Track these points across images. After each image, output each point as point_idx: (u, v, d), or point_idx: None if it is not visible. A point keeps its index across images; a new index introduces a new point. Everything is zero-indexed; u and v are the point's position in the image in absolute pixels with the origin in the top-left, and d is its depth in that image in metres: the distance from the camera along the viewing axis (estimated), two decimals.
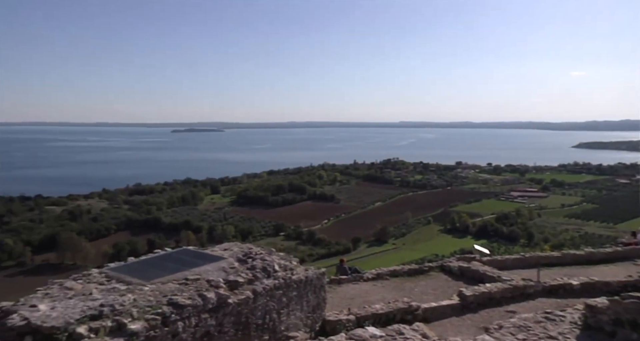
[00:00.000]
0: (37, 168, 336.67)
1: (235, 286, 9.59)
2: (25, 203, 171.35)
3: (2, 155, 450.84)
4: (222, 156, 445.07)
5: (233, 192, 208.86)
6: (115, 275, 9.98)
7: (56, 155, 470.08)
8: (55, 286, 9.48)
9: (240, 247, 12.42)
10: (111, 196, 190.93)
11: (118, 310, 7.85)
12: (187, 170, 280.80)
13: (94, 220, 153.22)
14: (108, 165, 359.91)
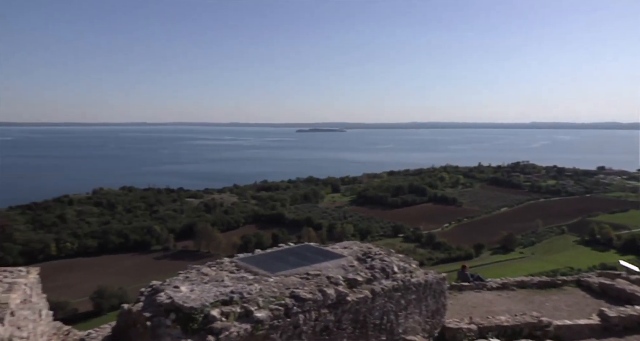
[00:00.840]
0: (179, 164, 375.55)
1: (354, 284, 9.71)
2: (170, 194, 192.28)
3: (151, 152, 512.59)
4: (343, 156, 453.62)
5: (353, 191, 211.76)
6: (243, 265, 10.74)
7: (195, 152, 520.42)
8: (193, 271, 10.50)
9: (360, 246, 12.55)
10: (241, 191, 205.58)
11: (246, 297, 8.42)
12: (310, 168, 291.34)
13: (225, 213, 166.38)
14: (239, 162, 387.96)
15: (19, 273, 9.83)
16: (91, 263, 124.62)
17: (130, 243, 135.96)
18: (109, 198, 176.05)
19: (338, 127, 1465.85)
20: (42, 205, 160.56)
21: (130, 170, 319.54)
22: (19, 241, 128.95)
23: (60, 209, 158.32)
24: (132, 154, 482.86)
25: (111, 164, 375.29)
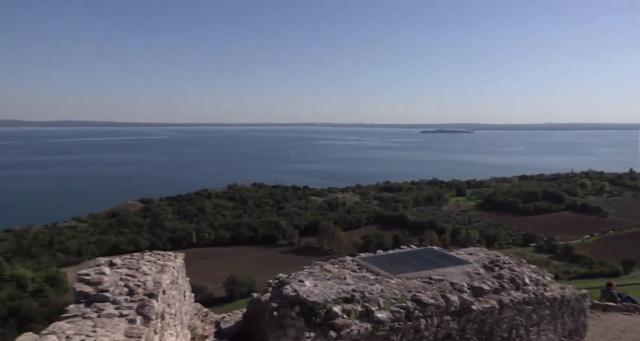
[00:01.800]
0: (305, 163, 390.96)
1: (480, 293, 9.25)
2: (296, 192, 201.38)
3: (280, 152, 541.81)
4: (469, 158, 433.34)
5: (479, 195, 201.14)
6: (365, 265, 10.85)
7: (320, 152, 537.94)
8: (317, 267, 10.89)
9: (487, 253, 11.91)
10: (363, 191, 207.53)
11: (367, 297, 8.51)
12: (434, 170, 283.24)
13: (347, 212, 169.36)
14: (362, 163, 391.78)
15: (168, 257, 11.15)
16: (225, 252, 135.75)
17: (259, 236, 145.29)
18: (242, 193, 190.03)
19: (465, 128, 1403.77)
20: (185, 198, 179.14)
21: (260, 168, 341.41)
22: (167, 228, 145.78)
23: (200, 202, 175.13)
24: (262, 153, 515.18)
25: (244, 162, 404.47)
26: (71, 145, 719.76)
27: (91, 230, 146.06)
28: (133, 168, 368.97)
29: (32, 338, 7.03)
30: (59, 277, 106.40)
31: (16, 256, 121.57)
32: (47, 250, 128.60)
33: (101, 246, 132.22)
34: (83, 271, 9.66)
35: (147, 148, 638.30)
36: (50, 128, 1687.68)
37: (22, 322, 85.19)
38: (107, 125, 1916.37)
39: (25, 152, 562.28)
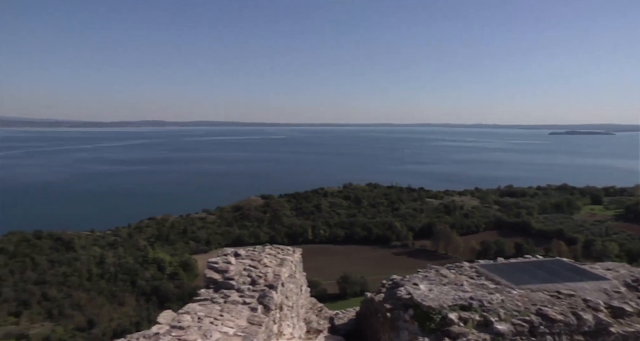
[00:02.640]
0: (421, 164, 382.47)
1: (620, 314, 8.26)
2: (411, 193, 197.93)
3: (396, 152, 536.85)
4: (608, 162, 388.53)
5: (620, 204, 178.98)
6: (484, 272, 10.31)
7: (437, 153, 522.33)
8: (432, 271, 10.61)
9: (629, 270, 10.59)
10: (482, 195, 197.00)
11: (486, 306, 8.09)
12: (564, 175, 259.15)
13: (465, 216, 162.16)
14: (481, 165, 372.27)
15: (287, 251, 11.72)
16: (339, 250, 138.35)
17: (372, 236, 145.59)
18: (357, 193, 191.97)
19: (603, 129, 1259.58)
20: (303, 195, 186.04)
21: (376, 168, 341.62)
22: (285, 224, 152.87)
23: (316, 200, 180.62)
24: (378, 153, 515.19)
25: (360, 161, 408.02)
26: (204, 143, 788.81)
27: (218, 222, 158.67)
28: (256, 165, 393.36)
29: (171, 316, 7.89)
30: (191, 263, 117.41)
31: (157, 242, 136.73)
32: (182, 238, 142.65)
33: (226, 237, 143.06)
34: (212, 260, 10.57)
35: (269, 147, 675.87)
36: (188, 128, 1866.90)
37: (161, 300, 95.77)
38: (235, 125, 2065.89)
39: (166, 149, 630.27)
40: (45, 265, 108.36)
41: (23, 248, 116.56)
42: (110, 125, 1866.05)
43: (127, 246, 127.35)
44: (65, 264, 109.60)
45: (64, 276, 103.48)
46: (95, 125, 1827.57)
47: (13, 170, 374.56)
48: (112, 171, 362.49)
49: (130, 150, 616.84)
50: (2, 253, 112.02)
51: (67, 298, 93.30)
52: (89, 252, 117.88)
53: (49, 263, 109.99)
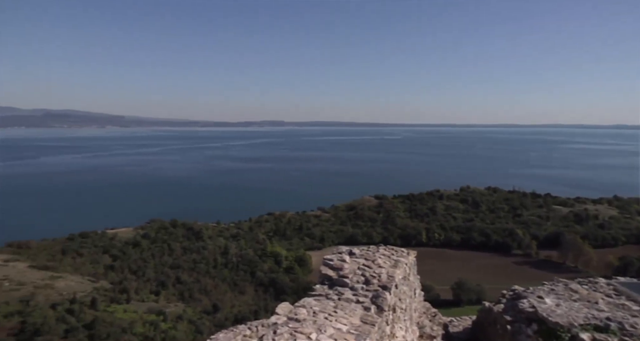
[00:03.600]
0: (549, 168, 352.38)
1: None
2: (536, 199, 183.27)
3: (519, 154, 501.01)
4: None
5: None
6: (625, 292, 9.21)
7: (568, 156, 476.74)
8: (560, 284, 9.76)
9: None
10: (622, 204, 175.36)
11: (628, 330, 7.22)
12: None
13: (600, 227, 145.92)
14: (622, 171, 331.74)
15: (402, 253, 11.61)
16: (454, 255, 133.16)
17: (491, 242, 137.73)
18: (475, 196, 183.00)
19: None
20: (417, 197, 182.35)
21: (496, 171, 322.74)
22: (398, 225, 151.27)
23: (431, 202, 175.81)
24: (498, 155, 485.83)
25: (478, 164, 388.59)
26: (321, 143, 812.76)
27: (332, 220, 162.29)
28: (370, 165, 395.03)
29: (288, 308, 8.29)
30: (306, 259, 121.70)
31: (275, 236, 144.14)
32: (297, 234, 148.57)
33: (340, 235, 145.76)
34: (328, 257, 10.87)
35: (384, 147, 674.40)
36: (306, 127, 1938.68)
37: (277, 292, 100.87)
38: (350, 126, 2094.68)
39: (285, 148, 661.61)
40: (179, 251, 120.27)
41: (162, 234, 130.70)
42: (237, 125, 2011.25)
43: (248, 239, 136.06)
44: (195, 252, 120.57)
45: (194, 262, 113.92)
46: (224, 125, 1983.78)
47: (153, 165, 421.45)
48: (237, 168, 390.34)
49: (255, 148, 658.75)
50: (145, 238, 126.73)
51: (196, 283, 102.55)
52: (215, 242, 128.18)
53: (182, 249, 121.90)
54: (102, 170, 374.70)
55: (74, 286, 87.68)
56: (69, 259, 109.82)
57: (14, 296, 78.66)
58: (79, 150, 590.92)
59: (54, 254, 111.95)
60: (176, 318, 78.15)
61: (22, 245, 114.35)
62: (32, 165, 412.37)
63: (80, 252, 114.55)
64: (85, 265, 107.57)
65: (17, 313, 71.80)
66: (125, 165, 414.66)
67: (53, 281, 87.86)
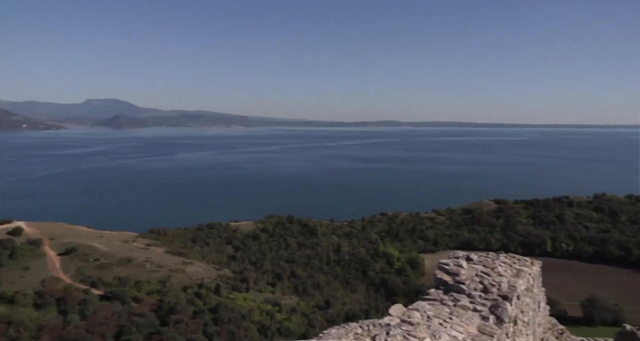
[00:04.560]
0: None
1: None
2: None
3: None
4: None
5: None
6: None
7: None
8: None
9: None
10: None
11: None
12: None
13: None
14: None
15: (524, 262, 10.85)
16: (585, 269, 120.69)
17: (631, 257, 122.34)
18: (612, 205, 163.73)
19: None
20: (542, 203, 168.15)
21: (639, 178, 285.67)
22: (520, 232, 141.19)
23: (559, 209, 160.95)
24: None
25: (617, 169, 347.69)
26: (438, 143, 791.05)
27: (447, 223, 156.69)
28: (490, 168, 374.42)
29: (401, 310, 8.23)
30: (418, 261, 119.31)
31: (387, 237, 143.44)
32: (410, 235, 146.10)
33: (455, 239, 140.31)
34: (443, 261, 10.56)
35: (505, 149, 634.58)
36: (422, 128, 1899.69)
37: (389, 293, 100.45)
38: (470, 126, 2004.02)
39: (400, 148, 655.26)
40: (294, 246, 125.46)
41: (279, 229, 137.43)
42: (352, 125, 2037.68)
43: (361, 238, 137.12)
44: (309, 248, 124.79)
45: (308, 258, 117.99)
46: (339, 125, 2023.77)
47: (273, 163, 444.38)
48: (351, 167, 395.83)
49: (369, 148, 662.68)
50: (264, 232, 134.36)
51: (309, 278, 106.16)
52: (329, 240, 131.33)
53: (297, 245, 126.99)
54: (227, 167, 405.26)
55: (201, 272, 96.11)
56: (198, 247, 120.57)
57: (154, 276, 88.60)
58: (208, 148, 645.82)
59: (185, 242, 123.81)
60: (290, 310, 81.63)
61: (161, 232, 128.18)
62: (170, 160, 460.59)
63: (207, 241, 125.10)
64: (211, 253, 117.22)
65: (156, 291, 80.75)
66: (248, 163, 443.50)
67: (184, 267, 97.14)
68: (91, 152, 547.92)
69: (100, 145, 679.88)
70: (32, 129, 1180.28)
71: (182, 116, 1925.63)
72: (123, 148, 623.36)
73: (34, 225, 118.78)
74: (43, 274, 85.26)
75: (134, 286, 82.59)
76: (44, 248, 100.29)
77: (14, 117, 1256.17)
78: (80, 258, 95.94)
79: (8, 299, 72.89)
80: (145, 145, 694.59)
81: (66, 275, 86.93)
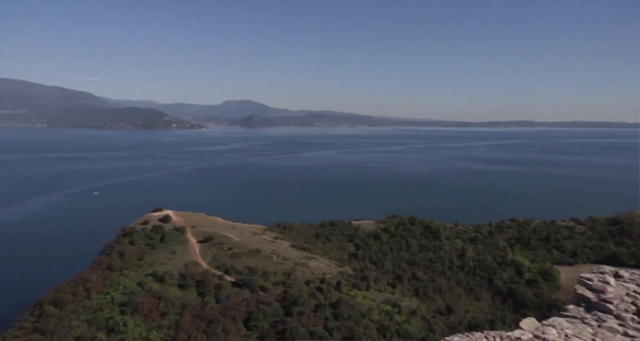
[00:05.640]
0: None
1: None
2: None
3: None
4: None
5: None
6: None
7: None
8: None
9: None
10: None
11: None
12: None
13: None
14: None
15: None
16: None
17: None
18: None
19: None
20: None
21: None
22: None
23: None
24: None
25: None
26: (578, 146, 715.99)
27: (588, 233, 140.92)
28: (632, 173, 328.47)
29: (534, 324, 7.64)
30: (553, 273, 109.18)
31: (517, 244, 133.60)
32: (544, 244, 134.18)
33: (597, 252, 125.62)
34: (586, 275, 9.55)
35: None
36: (560, 128, 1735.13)
37: (517, 305, 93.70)
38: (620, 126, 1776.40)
39: (533, 150, 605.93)
40: (416, 248, 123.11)
41: (400, 230, 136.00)
42: (481, 124, 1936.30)
43: (487, 244, 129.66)
44: (431, 250, 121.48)
45: (429, 261, 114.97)
46: (467, 125, 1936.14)
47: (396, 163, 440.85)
48: (478, 169, 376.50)
49: (499, 149, 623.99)
50: (385, 232, 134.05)
51: (430, 282, 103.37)
52: (452, 244, 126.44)
53: (418, 246, 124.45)
54: (351, 165, 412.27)
55: (323, 268, 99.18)
56: (320, 243, 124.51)
57: (279, 268, 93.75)
58: (333, 147, 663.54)
59: (309, 237, 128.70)
60: (410, 313, 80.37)
61: (287, 226, 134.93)
62: (297, 158, 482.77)
63: (330, 238, 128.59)
64: (333, 250, 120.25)
65: (281, 283, 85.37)
66: (371, 162, 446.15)
67: (308, 261, 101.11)
68: (227, 149, 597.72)
69: (235, 143, 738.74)
70: (179, 128, 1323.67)
71: (309, 116, 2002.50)
72: (255, 146, 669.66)
73: (179, 214, 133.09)
74: (186, 258, 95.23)
75: (262, 276, 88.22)
76: (187, 235, 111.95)
77: (165, 117, 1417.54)
78: (216, 247, 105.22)
79: (159, 277, 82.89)
80: (275, 143, 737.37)
81: (204, 261, 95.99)
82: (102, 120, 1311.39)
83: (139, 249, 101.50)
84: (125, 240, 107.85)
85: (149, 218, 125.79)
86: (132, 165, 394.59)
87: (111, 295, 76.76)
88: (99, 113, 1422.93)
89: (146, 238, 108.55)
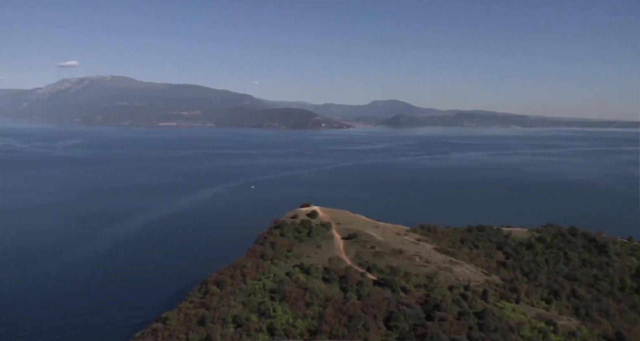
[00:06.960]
0: None
1: None
2: None
3: None
4: None
5: None
6: None
7: None
8: None
9: None
10: None
11: None
12: None
13: None
14: None
15: None
16: None
17: None
18: None
19: None
20: None
21: None
22: None
23: None
24: None
25: None
26: None
27: None
28: None
29: None
30: None
31: None
32: None
33: None
34: None
35: None
36: None
37: None
38: None
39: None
40: (577, 262, 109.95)
41: (558, 241, 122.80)
42: None
43: None
44: (596, 266, 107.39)
45: (594, 278, 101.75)
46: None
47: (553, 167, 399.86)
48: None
49: None
50: (540, 242, 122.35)
51: (595, 301, 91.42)
52: (624, 261, 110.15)
53: (580, 261, 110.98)
54: (502, 168, 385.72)
55: (468, 274, 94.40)
56: (466, 248, 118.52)
57: (422, 271, 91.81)
58: (483, 148, 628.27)
59: (454, 241, 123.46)
60: (568, 334, 72.12)
61: (430, 228, 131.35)
62: (444, 159, 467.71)
63: (477, 244, 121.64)
64: (480, 257, 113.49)
65: (423, 285, 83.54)
66: (525, 165, 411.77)
67: (452, 266, 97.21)
68: (373, 149, 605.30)
69: (381, 142, 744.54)
70: (328, 128, 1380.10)
71: (458, 116, 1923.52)
72: (400, 146, 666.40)
73: (326, 210, 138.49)
74: (330, 253, 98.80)
75: (403, 277, 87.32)
76: (332, 231, 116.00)
77: (315, 117, 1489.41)
78: (359, 244, 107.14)
79: (305, 269, 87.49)
80: (421, 143, 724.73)
81: (347, 257, 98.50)
82: (260, 120, 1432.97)
83: (288, 241, 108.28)
84: (276, 231, 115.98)
85: (298, 212, 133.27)
86: (284, 162, 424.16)
87: (263, 282, 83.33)
88: (257, 113, 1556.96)
89: (295, 232, 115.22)
